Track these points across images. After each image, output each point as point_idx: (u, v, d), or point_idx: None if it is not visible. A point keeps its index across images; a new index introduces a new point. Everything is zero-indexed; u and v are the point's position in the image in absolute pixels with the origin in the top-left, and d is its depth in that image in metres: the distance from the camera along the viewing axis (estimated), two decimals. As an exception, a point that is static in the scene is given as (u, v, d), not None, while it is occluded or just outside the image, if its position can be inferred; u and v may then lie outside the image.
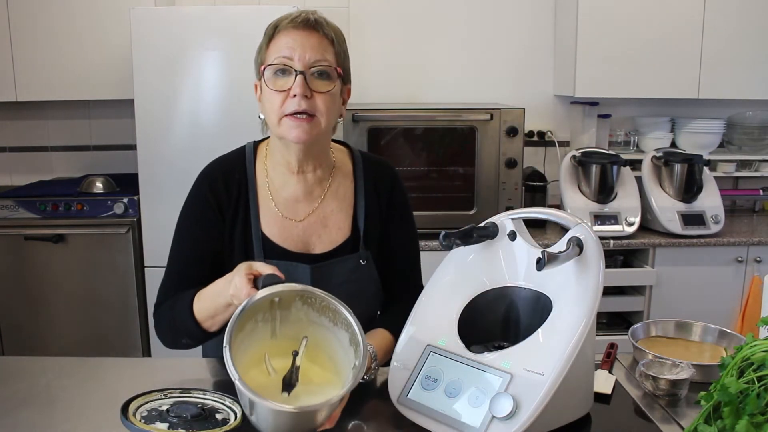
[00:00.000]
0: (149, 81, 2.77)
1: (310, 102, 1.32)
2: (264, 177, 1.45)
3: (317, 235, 1.44)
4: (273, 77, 1.34)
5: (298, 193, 1.44)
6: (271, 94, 1.33)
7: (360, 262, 1.45)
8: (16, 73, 3.05)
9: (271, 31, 1.37)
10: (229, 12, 2.80)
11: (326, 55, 1.34)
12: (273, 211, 1.43)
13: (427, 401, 1.19)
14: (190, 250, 1.45)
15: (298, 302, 1.17)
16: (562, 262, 1.17)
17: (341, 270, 1.44)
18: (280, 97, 1.32)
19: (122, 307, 3.00)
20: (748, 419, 0.99)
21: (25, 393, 1.34)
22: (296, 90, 1.30)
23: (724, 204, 3.07)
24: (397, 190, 1.53)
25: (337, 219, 1.46)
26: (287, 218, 1.43)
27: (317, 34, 1.34)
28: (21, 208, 2.99)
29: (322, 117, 1.34)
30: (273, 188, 1.45)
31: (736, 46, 3.14)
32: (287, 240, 1.43)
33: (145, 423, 1.11)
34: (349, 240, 1.46)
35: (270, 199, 1.44)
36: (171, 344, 1.44)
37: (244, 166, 1.46)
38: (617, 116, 3.49)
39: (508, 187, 2.94)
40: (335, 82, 1.36)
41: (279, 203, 1.44)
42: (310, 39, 1.33)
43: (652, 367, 1.36)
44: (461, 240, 1.29)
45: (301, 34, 1.33)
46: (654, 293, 2.95)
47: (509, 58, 3.47)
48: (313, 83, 1.32)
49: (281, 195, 1.44)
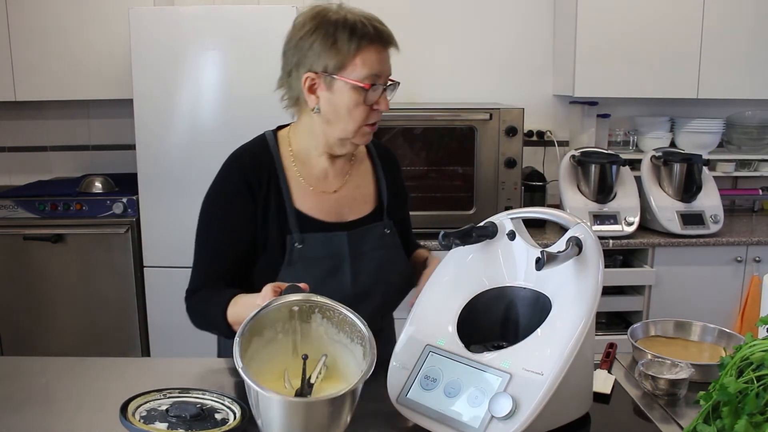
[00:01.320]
0: (148, 81, 2.77)
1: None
2: (290, 159, 1.50)
3: (349, 205, 1.53)
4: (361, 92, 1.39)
5: (327, 169, 1.52)
6: (357, 107, 1.40)
7: (385, 230, 1.54)
8: (15, 72, 3.05)
9: (356, 43, 1.38)
10: (228, 12, 2.80)
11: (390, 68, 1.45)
12: (304, 187, 1.49)
13: (426, 401, 1.19)
14: (221, 234, 1.47)
15: (317, 315, 1.19)
16: (562, 262, 1.17)
17: (371, 237, 1.52)
18: (366, 109, 1.41)
19: (121, 307, 3.00)
20: (747, 419, 1.00)
21: (25, 393, 1.34)
22: (384, 107, 1.42)
23: (724, 204, 3.07)
24: (400, 170, 1.68)
25: (364, 192, 1.56)
26: (320, 191, 1.50)
27: (391, 48, 1.44)
28: (20, 208, 2.99)
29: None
30: (301, 167, 1.50)
31: (736, 46, 3.15)
32: (322, 211, 1.49)
33: (145, 423, 1.11)
34: (374, 212, 1.56)
35: (299, 177, 1.49)
36: (201, 329, 1.51)
37: (269, 150, 1.50)
38: (616, 116, 3.49)
39: (508, 187, 2.94)
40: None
41: (309, 180, 1.50)
42: (386, 54, 1.43)
43: (652, 367, 1.36)
44: (460, 240, 1.29)
45: (384, 52, 1.42)
46: (653, 293, 2.95)
47: (508, 58, 3.47)
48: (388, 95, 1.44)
49: (310, 173, 1.50)
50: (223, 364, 1.53)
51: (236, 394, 1.29)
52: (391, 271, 1.54)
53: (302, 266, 1.44)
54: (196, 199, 1.55)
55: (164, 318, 2.91)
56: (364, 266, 1.49)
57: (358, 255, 1.48)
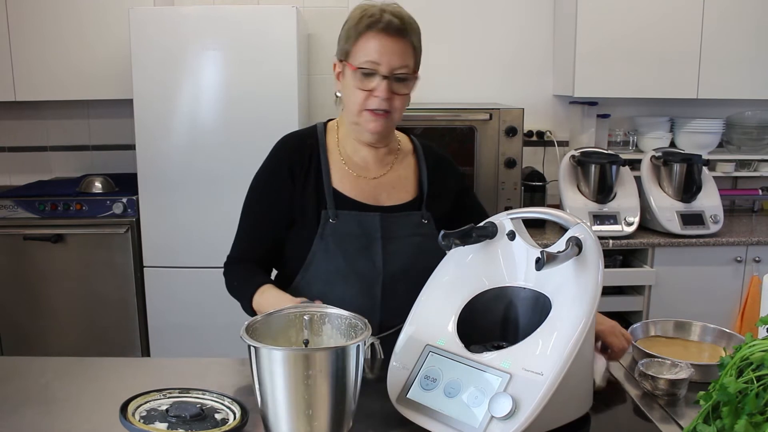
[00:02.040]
0: (148, 81, 2.77)
1: (389, 102, 1.47)
2: (335, 145, 1.59)
3: (387, 192, 1.58)
4: (359, 76, 1.46)
5: (369, 159, 1.59)
6: (355, 90, 1.47)
7: (422, 220, 1.57)
8: (15, 72, 3.05)
9: (363, 29, 1.46)
10: (228, 12, 2.80)
11: (408, 62, 1.48)
12: (345, 171, 1.56)
13: (426, 401, 1.19)
14: (260, 210, 1.57)
15: (328, 326, 1.22)
16: (561, 262, 1.17)
17: (407, 223, 1.56)
18: (364, 93, 1.47)
19: (121, 307, 3.00)
20: (747, 419, 0.99)
21: (25, 393, 1.34)
22: (380, 94, 1.45)
23: (723, 204, 3.07)
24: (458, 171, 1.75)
25: (405, 183, 1.61)
26: (360, 176, 1.57)
27: (404, 41, 1.47)
28: (20, 208, 2.99)
29: (396, 113, 1.51)
30: (345, 154, 1.58)
31: (735, 46, 3.15)
32: (360, 194, 1.55)
33: (145, 423, 1.11)
34: (414, 201, 1.60)
35: (342, 162, 1.57)
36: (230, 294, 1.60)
37: (316, 135, 1.60)
38: (616, 116, 3.49)
39: (508, 187, 2.94)
40: (412, 84, 1.52)
41: (351, 165, 1.57)
42: (396, 46, 1.46)
43: (651, 367, 1.36)
44: (460, 240, 1.29)
45: (390, 41, 1.45)
46: (653, 293, 2.95)
47: (508, 58, 3.47)
48: (394, 86, 1.47)
49: (353, 160, 1.58)
50: (223, 364, 1.53)
51: (236, 394, 1.29)
52: (424, 258, 1.53)
53: (334, 241, 1.50)
54: (196, 198, 1.56)
55: (164, 318, 2.91)
56: (398, 249, 1.54)
57: (391, 237, 1.53)
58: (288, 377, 1.05)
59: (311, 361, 1.05)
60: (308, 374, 1.05)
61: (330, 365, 1.06)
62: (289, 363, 1.05)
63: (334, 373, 1.07)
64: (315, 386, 1.06)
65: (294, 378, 1.05)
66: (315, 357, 1.06)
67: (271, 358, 1.06)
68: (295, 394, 1.06)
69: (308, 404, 1.07)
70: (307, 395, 1.06)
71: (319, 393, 1.07)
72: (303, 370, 1.05)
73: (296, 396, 1.06)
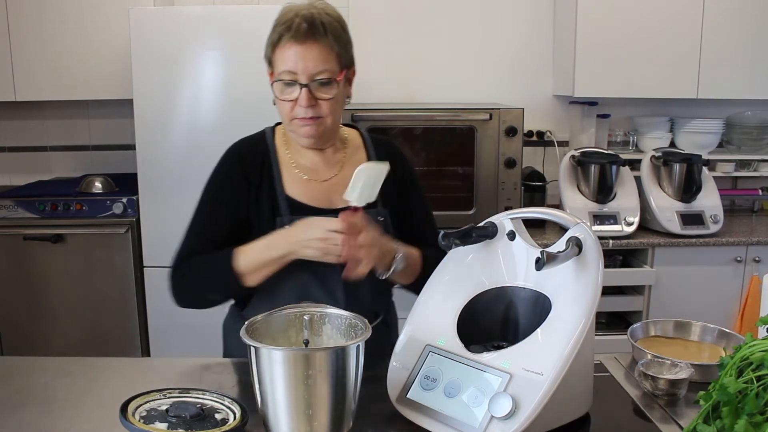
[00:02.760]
0: (148, 81, 2.77)
1: (315, 108, 1.43)
2: (284, 150, 1.57)
3: (340, 193, 1.52)
4: (281, 87, 1.44)
5: (317, 161, 1.56)
6: (280, 101, 1.45)
7: (378, 218, 1.55)
8: (15, 73, 3.05)
9: (275, 38, 1.44)
10: (228, 12, 2.80)
11: (328, 65, 1.42)
12: (296, 175, 1.54)
13: (426, 401, 1.19)
14: (214, 213, 1.54)
15: (328, 326, 1.22)
16: (561, 262, 1.17)
17: None
18: (288, 104, 1.44)
19: (121, 307, 3.00)
20: (747, 419, 0.99)
21: (25, 393, 1.34)
22: (302, 102, 1.42)
23: (723, 204, 3.07)
24: (407, 162, 1.67)
25: None
26: (311, 179, 1.55)
27: (317, 44, 1.41)
28: (20, 208, 2.99)
29: (328, 117, 1.46)
30: (294, 158, 1.56)
31: (735, 45, 3.15)
32: (312, 198, 1.53)
33: (145, 423, 1.11)
34: None
35: (293, 166, 1.55)
36: (191, 302, 1.58)
37: (265, 141, 1.58)
38: (616, 116, 3.49)
39: (507, 187, 2.94)
40: (338, 85, 1.45)
41: (301, 169, 1.55)
42: (311, 51, 1.41)
43: (651, 367, 1.36)
44: (460, 240, 1.29)
45: (302, 48, 1.40)
46: (653, 293, 2.95)
47: (508, 58, 3.47)
48: (318, 92, 1.43)
49: (302, 163, 1.55)
50: (223, 364, 1.53)
51: (236, 394, 1.29)
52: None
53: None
54: (196, 198, 1.56)
55: (164, 318, 2.91)
56: None
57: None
58: (288, 377, 1.05)
59: (311, 361, 1.05)
60: (308, 374, 1.05)
61: (330, 365, 1.06)
62: (288, 363, 1.05)
63: (334, 373, 1.07)
64: (315, 386, 1.06)
65: (294, 378, 1.05)
66: (315, 357, 1.06)
67: (270, 358, 1.06)
68: (295, 394, 1.06)
69: (308, 404, 1.07)
70: (307, 395, 1.06)
71: (319, 393, 1.07)
72: (303, 370, 1.05)
73: (296, 396, 1.06)
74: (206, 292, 1.52)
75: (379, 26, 3.36)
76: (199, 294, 1.54)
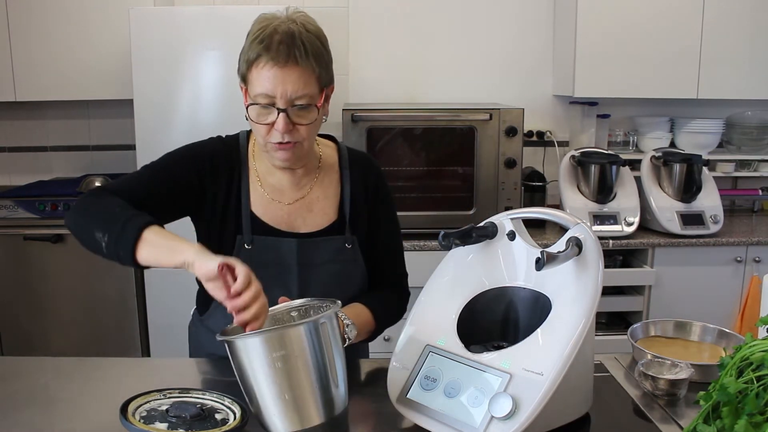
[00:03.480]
0: (148, 81, 2.77)
1: (292, 133, 1.35)
2: (254, 162, 1.51)
3: (302, 218, 1.49)
4: (257, 111, 1.35)
5: (284, 182, 1.49)
6: (255, 124, 1.37)
7: (345, 245, 1.49)
8: (15, 73, 3.05)
9: (253, 56, 1.35)
10: (228, 12, 2.80)
11: (307, 89, 1.33)
12: (260, 193, 1.48)
13: (426, 401, 1.19)
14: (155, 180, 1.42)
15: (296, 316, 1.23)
16: (561, 262, 1.17)
17: (327, 249, 1.48)
18: (264, 128, 1.36)
19: (121, 307, 3.00)
20: (747, 419, 1.00)
21: (25, 393, 1.34)
22: (278, 128, 1.33)
23: (723, 204, 3.07)
24: (382, 182, 1.58)
25: (323, 205, 1.51)
26: (274, 200, 1.48)
27: (298, 68, 1.32)
28: (20, 208, 2.99)
29: (305, 141, 1.39)
30: (261, 174, 1.49)
31: (736, 45, 3.15)
32: (273, 219, 1.47)
33: (145, 423, 1.11)
34: (335, 224, 1.50)
35: (258, 183, 1.49)
36: (77, 228, 1.33)
37: (239, 149, 1.51)
38: (616, 116, 3.49)
39: (508, 187, 2.94)
40: (317, 110, 1.37)
41: (266, 187, 1.49)
42: (291, 74, 1.31)
43: (651, 367, 1.36)
44: (460, 240, 1.29)
45: (282, 71, 1.31)
46: (653, 293, 2.95)
47: (508, 58, 3.47)
48: (296, 116, 1.34)
49: (268, 181, 1.49)
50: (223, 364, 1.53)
51: (236, 394, 1.29)
52: (347, 286, 1.50)
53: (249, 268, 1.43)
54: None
55: (164, 318, 2.90)
56: (315, 278, 1.46)
57: (308, 266, 1.45)
58: (261, 363, 1.06)
59: (283, 342, 1.06)
60: (277, 356, 1.05)
61: (302, 342, 1.07)
62: (257, 348, 1.06)
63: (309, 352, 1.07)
64: (289, 368, 1.06)
65: (264, 363, 1.06)
66: (284, 336, 1.06)
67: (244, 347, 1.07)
68: (272, 379, 1.06)
69: (284, 388, 1.07)
70: (280, 379, 1.06)
71: (294, 375, 1.07)
72: (272, 352, 1.05)
73: (273, 381, 1.06)
74: (96, 231, 1.28)
75: (380, 26, 3.36)
76: (89, 227, 1.30)
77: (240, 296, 1.10)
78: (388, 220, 1.59)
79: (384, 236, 1.57)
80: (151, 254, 1.25)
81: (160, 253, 1.24)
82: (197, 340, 1.61)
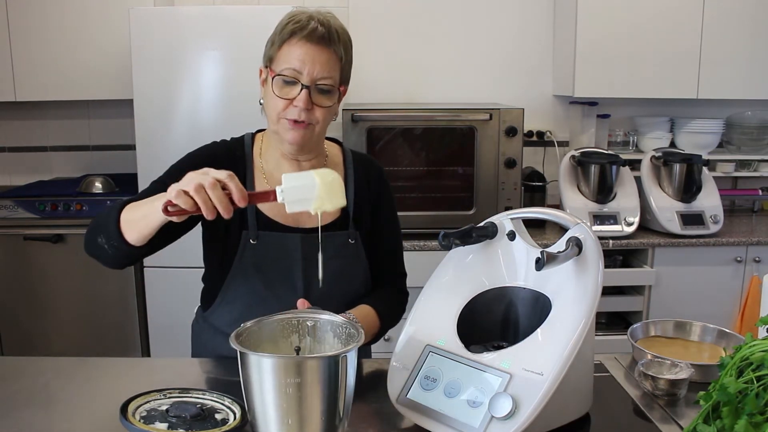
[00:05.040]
0: (148, 81, 2.77)
1: (309, 113, 1.39)
2: (259, 159, 1.53)
3: (307, 213, 1.46)
4: (280, 84, 1.39)
5: None
6: (274, 97, 1.40)
7: (349, 240, 1.52)
8: (15, 73, 3.05)
9: (287, 35, 1.40)
10: (228, 12, 2.80)
11: (333, 73, 1.40)
12: (266, 189, 1.49)
13: (426, 401, 1.19)
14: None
15: (321, 332, 1.19)
16: (561, 262, 1.17)
17: (331, 244, 1.49)
18: (283, 102, 1.39)
19: (121, 307, 3.00)
20: (747, 419, 1.00)
21: (25, 393, 1.34)
22: (299, 103, 1.38)
23: (723, 204, 3.07)
24: (384, 183, 1.62)
25: None
26: None
27: (329, 50, 1.39)
28: (20, 208, 2.99)
29: (318, 126, 1.43)
30: (267, 170, 1.52)
31: (736, 46, 3.15)
32: (278, 215, 1.48)
33: (145, 423, 1.11)
34: (338, 220, 1.52)
35: (264, 179, 1.51)
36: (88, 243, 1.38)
37: (243, 148, 1.54)
38: (616, 116, 3.49)
39: (508, 187, 2.94)
40: (336, 96, 1.43)
41: (272, 184, 1.49)
42: (321, 55, 1.38)
43: (651, 367, 1.36)
44: (460, 240, 1.29)
45: (313, 49, 1.38)
46: (653, 293, 2.95)
47: (508, 58, 3.47)
48: (316, 97, 1.39)
49: (275, 177, 1.50)
50: (223, 364, 1.53)
51: (236, 394, 1.29)
52: (350, 281, 1.52)
53: (253, 263, 1.46)
54: (195, 199, 1.55)
55: (164, 318, 2.91)
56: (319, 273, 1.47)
57: (313, 260, 1.46)
58: (273, 385, 1.03)
59: (300, 369, 1.03)
60: (292, 382, 1.02)
61: (320, 373, 1.04)
62: (275, 370, 1.03)
63: (326, 381, 1.04)
64: (302, 395, 1.03)
65: (279, 386, 1.03)
66: (305, 365, 1.03)
67: (259, 365, 1.04)
68: (281, 402, 1.03)
69: (290, 413, 1.04)
70: (287, 404, 1.03)
71: (307, 402, 1.04)
72: (288, 378, 1.03)
73: (280, 404, 1.03)
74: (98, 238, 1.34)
75: (379, 26, 3.36)
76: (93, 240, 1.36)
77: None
78: (389, 220, 1.62)
79: (385, 236, 1.60)
80: (134, 231, 1.28)
81: (141, 226, 1.27)
82: (200, 337, 1.62)
